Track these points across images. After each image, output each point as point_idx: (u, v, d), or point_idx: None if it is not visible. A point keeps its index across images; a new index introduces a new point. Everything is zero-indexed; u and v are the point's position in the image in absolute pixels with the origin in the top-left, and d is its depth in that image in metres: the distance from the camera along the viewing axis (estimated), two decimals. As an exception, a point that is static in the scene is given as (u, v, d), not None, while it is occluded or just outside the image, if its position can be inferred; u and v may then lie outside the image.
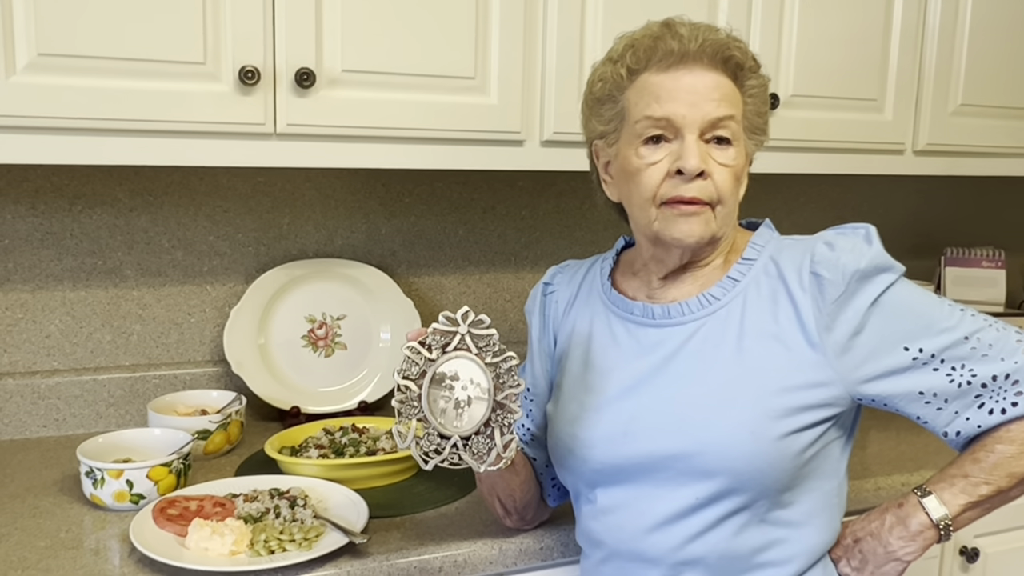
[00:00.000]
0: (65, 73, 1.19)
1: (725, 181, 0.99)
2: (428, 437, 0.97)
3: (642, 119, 1.00)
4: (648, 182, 1.00)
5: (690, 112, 0.98)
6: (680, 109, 0.98)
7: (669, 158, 0.99)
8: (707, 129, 0.98)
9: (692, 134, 0.98)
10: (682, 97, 0.98)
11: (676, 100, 0.98)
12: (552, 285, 1.19)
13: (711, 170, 0.98)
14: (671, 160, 0.99)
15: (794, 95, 1.61)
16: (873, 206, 2.17)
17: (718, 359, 1.00)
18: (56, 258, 1.55)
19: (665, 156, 0.99)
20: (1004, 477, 0.99)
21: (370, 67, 1.34)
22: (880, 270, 0.98)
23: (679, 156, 0.98)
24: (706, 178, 0.98)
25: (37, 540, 1.15)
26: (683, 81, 0.98)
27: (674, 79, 0.99)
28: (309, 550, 1.08)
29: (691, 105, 0.98)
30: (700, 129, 0.98)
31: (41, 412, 1.54)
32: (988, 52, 1.77)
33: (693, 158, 0.97)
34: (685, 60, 0.99)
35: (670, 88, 0.99)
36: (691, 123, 0.98)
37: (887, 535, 1.02)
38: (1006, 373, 0.98)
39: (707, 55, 0.99)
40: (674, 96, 0.98)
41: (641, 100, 1.00)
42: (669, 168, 0.99)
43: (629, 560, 1.03)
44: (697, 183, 0.98)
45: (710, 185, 0.99)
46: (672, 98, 0.98)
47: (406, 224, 1.77)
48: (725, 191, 1.00)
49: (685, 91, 0.98)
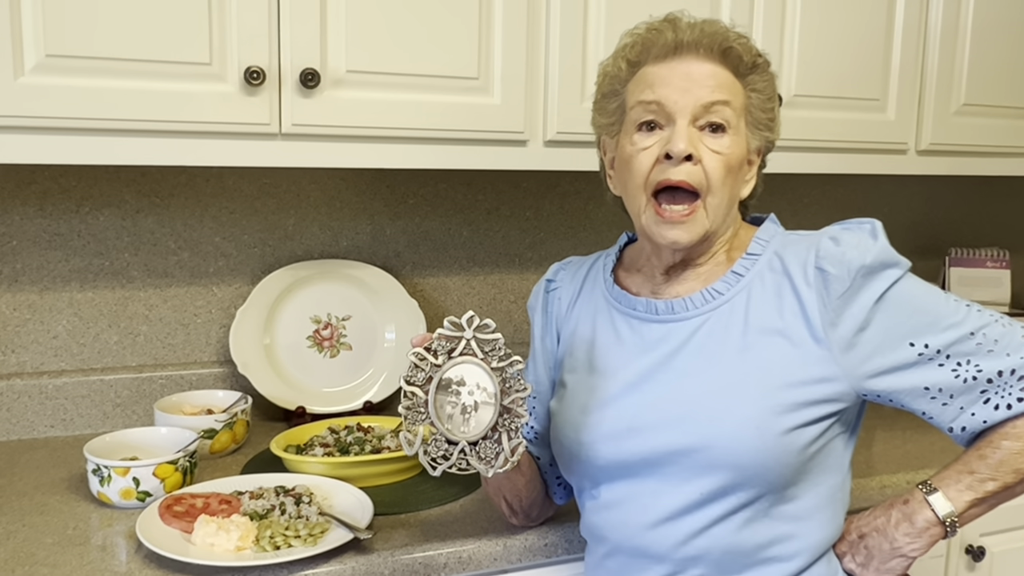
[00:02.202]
0: (72, 74, 1.20)
1: (716, 169, 0.99)
2: (436, 443, 0.96)
3: (636, 105, 1.01)
4: (639, 167, 1.00)
5: (682, 97, 0.98)
6: (672, 95, 0.99)
7: (660, 143, 1.00)
8: (700, 114, 0.99)
9: (683, 119, 0.98)
10: (675, 83, 0.99)
11: (669, 86, 0.99)
12: (555, 282, 1.19)
13: (701, 155, 0.99)
14: (662, 145, 0.99)
15: (797, 95, 1.62)
16: (878, 206, 2.17)
17: (722, 354, 1.00)
18: (64, 259, 1.56)
19: (656, 142, 1.00)
20: (1010, 473, 0.99)
21: (374, 68, 1.35)
22: (886, 265, 0.98)
23: (669, 140, 0.99)
24: (695, 163, 0.98)
25: (45, 536, 1.16)
26: (678, 70, 1.00)
27: (670, 68, 1.00)
28: (314, 546, 1.08)
29: (683, 91, 0.98)
30: (692, 114, 0.98)
31: (49, 412, 1.55)
32: (990, 52, 1.78)
33: (681, 141, 0.97)
34: (680, 50, 1.00)
35: (665, 76, 1.00)
36: (682, 108, 0.98)
37: (893, 531, 1.01)
38: (1012, 369, 0.98)
39: (704, 45, 0.99)
40: (667, 82, 0.99)
41: (637, 88, 1.02)
42: (659, 153, 0.99)
43: (633, 555, 1.03)
44: (686, 167, 0.98)
45: (699, 171, 0.99)
46: (665, 84, 0.99)
47: (411, 225, 1.77)
48: (715, 179, 0.99)
49: (679, 78, 0.99)
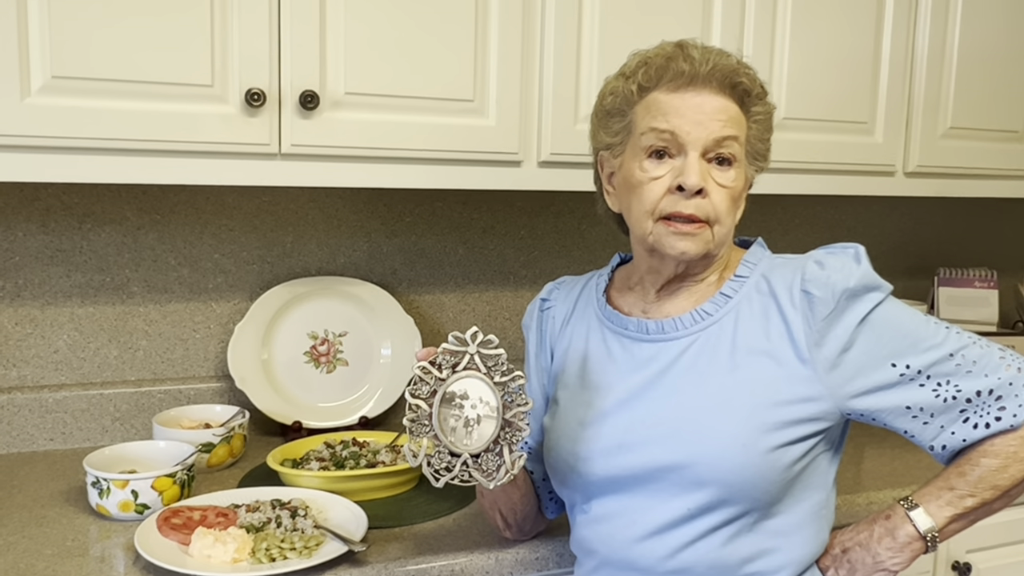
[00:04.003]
0: (78, 95, 1.23)
1: (723, 202, 1.02)
2: (439, 455, 0.98)
3: (648, 131, 1.02)
4: (649, 196, 1.02)
5: (695, 130, 1.00)
6: (685, 126, 1.01)
7: (671, 174, 1.02)
8: (710, 148, 1.01)
9: (695, 151, 1.01)
10: (688, 115, 1.01)
11: (683, 117, 1.01)
12: (549, 301, 1.21)
13: (710, 189, 1.01)
14: (673, 176, 1.01)
15: (786, 118, 1.65)
16: (867, 227, 2.19)
17: (711, 374, 1.03)
18: (65, 275, 1.58)
19: (668, 172, 1.02)
20: (988, 489, 1.01)
21: (372, 90, 1.38)
22: (869, 289, 1.01)
23: (681, 172, 1.00)
24: (705, 196, 1.01)
25: (44, 548, 1.17)
26: (691, 101, 1.01)
27: (682, 99, 1.02)
28: (309, 558, 1.10)
29: (696, 123, 1.01)
30: (703, 147, 1.01)
31: (48, 426, 1.57)
32: (976, 76, 1.81)
33: (694, 175, 1.00)
34: (695, 82, 1.01)
35: (678, 106, 1.01)
36: (695, 141, 1.00)
37: (875, 546, 1.04)
38: (990, 389, 1.00)
39: (716, 79, 1.01)
40: (681, 113, 1.01)
41: (648, 114, 1.03)
42: (671, 184, 1.01)
43: (620, 568, 1.05)
44: (695, 200, 1.01)
45: (708, 204, 1.01)
46: (679, 114, 1.01)
47: (407, 243, 1.80)
48: (722, 211, 1.02)
49: (692, 110, 1.01)
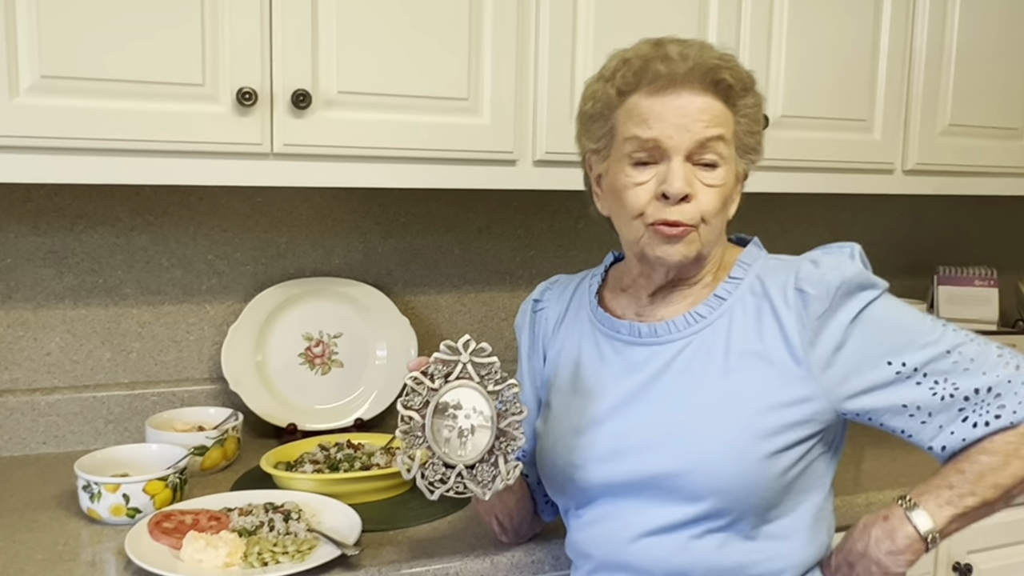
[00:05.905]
0: (68, 95, 1.22)
1: (711, 202, 1.00)
2: (433, 467, 0.97)
3: (631, 138, 1.01)
4: (634, 202, 1.01)
5: (677, 134, 0.99)
6: (667, 130, 0.99)
7: (655, 180, 1.00)
8: (695, 151, 0.99)
9: (679, 156, 0.99)
10: (670, 119, 0.99)
11: (664, 122, 0.99)
12: (542, 302, 1.20)
13: (696, 192, 1.00)
14: (657, 182, 1.00)
15: (784, 115, 1.64)
16: (866, 225, 2.18)
17: (704, 378, 1.01)
18: (57, 276, 1.57)
19: (652, 178, 1.00)
20: (989, 488, 0.99)
21: (365, 88, 1.37)
22: (863, 286, 1.00)
23: (664, 179, 0.99)
24: (690, 201, 0.99)
25: (34, 553, 1.16)
26: (672, 104, 0.99)
27: (663, 102, 1.00)
28: (302, 562, 1.09)
29: (679, 127, 0.99)
30: (687, 151, 0.99)
31: (41, 429, 1.56)
32: (975, 73, 1.80)
33: (677, 181, 0.98)
34: (674, 84, 0.99)
35: (659, 111, 1.00)
36: (677, 146, 0.99)
37: (876, 552, 1.01)
38: (988, 386, 0.99)
39: (697, 78, 0.99)
40: (662, 118, 0.99)
41: (630, 120, 1.01)
42: (655, 191, 1.00)
43: (616, 572, 1.04)
44: (680, 207, 0.99)
45: (693, 208, 1.00)
46: (660, 120, 0.99)
47: (402, 243, 1.79)
48: (710, 212, 1.01)
49: (673, 113, 0.99)
